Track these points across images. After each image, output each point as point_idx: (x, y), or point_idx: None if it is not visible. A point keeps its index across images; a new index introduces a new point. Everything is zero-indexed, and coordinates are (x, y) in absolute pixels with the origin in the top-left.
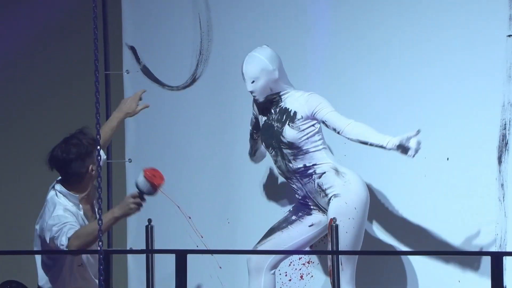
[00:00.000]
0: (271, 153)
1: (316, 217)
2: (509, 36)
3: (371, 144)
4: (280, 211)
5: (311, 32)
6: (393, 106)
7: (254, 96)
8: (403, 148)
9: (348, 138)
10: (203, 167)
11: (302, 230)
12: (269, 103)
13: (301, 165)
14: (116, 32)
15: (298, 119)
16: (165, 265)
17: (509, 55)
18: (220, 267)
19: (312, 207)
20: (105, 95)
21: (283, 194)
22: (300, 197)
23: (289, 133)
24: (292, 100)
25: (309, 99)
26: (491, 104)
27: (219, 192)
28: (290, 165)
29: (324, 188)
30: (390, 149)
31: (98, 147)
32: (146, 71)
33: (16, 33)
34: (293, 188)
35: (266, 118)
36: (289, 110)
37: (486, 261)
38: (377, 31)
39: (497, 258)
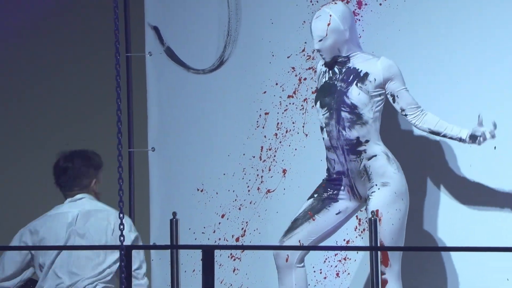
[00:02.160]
0: (324, 114)
1: (343, 204)
2: None
3: (444, 135)
4: None
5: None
6: (450, 97)
7: (321, 55)
8: (474, 139)
9: (415, 125)
10: (230, 157)
11: (329, 220)
12: (333, 64)
13: (354, 137)
14: (138, 11)
15: (370, 81)
16: (191, 261)
17: None
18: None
19: (342, 187)
20: (126, 79)
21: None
22: (334, 172)
23: (355, 93)
24: (362, 61)
25: (386, 64)
26: None
27: (247, 183)
28: (344, 132)
29: (369, 173)
30: (466, 142)
31: (119, 136)
32: (170, 53)
33: (32, 13)
34: (331, 160)
35: (327, 78)
36: (359, 70)
37: None
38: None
39: None
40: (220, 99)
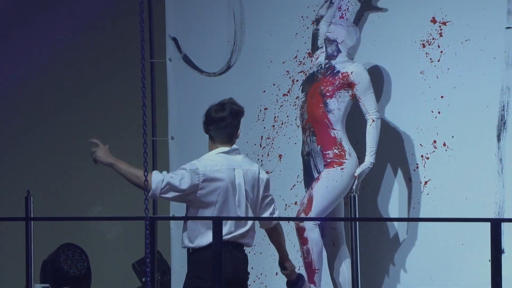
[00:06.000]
0: (302, 98)
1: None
2: (508, 28)
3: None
4: None
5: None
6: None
7: (325, 43)
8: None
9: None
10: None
11: None
12: (326, 63)
13: (317, 121)
14: (160, 24)
15: (338, 77)
16: None
17: (507, 45)
18: None
19: (312, 171)
20: (150, 81)
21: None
22: (305, 154)
23: (326, 85)
24: (341, 63)
25: (356, 70)
26: (491, 89)
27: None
28: (312, 115)
29: (325, 153)
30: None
31: (144, 127)
32: (187, 59)
33: (74, 26)
34: (303, 141)
35: (315, 70)
36: (335, 67)
37: (487, 226)
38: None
39: (496, 224)
40: (227, 97)
